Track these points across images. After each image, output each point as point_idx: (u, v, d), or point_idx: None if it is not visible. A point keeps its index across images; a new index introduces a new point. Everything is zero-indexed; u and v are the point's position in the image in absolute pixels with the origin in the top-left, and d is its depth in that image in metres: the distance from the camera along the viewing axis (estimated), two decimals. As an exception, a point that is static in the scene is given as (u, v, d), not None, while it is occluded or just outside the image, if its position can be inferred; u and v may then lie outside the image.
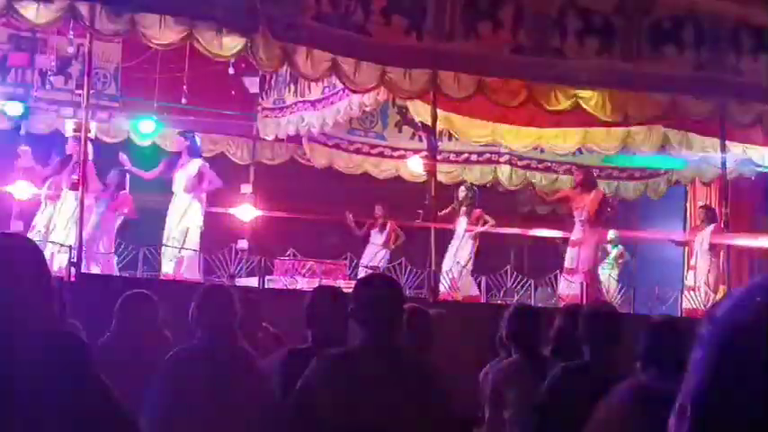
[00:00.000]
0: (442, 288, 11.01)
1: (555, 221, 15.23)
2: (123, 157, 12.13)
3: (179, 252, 11.20)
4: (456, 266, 12.26)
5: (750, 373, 0.93)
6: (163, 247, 11.26)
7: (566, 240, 12.72)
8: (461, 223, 12.74)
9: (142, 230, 12.00)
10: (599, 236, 12.42)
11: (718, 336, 0.98)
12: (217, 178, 11.87)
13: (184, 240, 11.36)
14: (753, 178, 14.73)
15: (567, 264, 12.21)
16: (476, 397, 5.60)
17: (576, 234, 12.22)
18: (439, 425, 3.83)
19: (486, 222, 12.88)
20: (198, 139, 12.26)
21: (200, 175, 11.62)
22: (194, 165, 11.68)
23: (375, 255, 13.28)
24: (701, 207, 14.02)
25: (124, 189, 12.37)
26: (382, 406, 3.69)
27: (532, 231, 14.77)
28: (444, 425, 3.88)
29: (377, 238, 13.75)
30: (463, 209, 12.86)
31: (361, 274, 11.41)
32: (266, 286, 10.45)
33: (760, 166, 14.14)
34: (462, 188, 13.21)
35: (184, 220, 11.56)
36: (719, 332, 0.98)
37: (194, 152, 11.90)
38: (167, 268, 11.11)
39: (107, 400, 2.44)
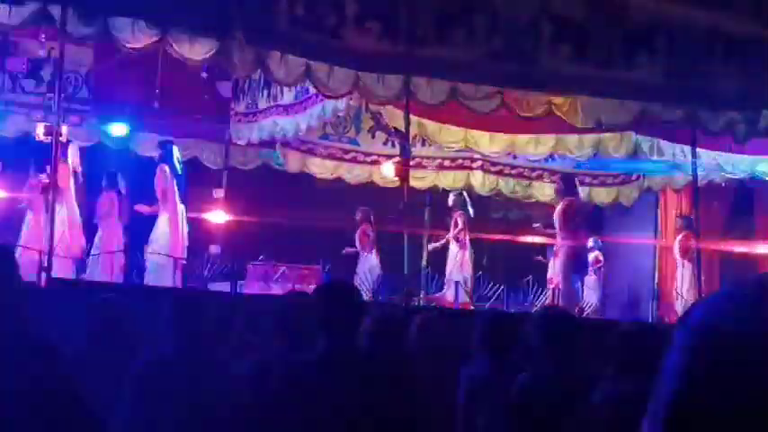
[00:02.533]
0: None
1: (528, 227, 15.28)
2: (143, 207, 12.16)
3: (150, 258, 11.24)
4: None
5: (723, 379, 0.94)
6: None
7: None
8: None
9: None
10: (572, 244, 12.36)
11: (692, 341, 0.98)
12: (162, 180, 11.82)
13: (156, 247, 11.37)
14: (723, 185, 14.85)
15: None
16: (452, 401, 5.61)
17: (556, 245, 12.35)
18: (399, 428, 3.84)
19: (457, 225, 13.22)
20: (174, 149, 12.19)
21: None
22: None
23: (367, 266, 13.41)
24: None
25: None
26: (342, 411, 3.70)
27: (522, 238, 14.78)
28: (405, 428, 3.89)
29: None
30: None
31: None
32: (239, 291, 10.41)
33: (730, 172, 14.24)
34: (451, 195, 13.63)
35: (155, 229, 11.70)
36: (692, 337, 0.98)
37: (160, 158, 11.99)
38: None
39: (75, 401, 2.42)
